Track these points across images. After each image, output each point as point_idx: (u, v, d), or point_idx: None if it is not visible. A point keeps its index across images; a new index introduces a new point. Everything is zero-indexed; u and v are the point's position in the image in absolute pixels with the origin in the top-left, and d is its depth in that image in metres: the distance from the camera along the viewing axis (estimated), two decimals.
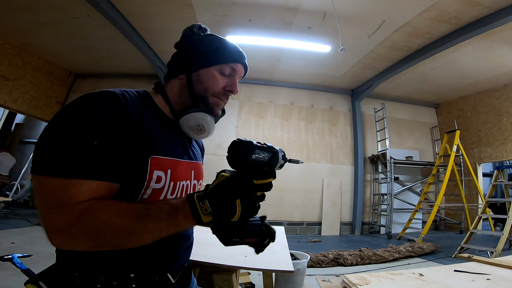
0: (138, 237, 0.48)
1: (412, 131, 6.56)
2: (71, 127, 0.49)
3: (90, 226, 0.46)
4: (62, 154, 0.47)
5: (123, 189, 0.55)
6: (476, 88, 5.75)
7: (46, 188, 0.47)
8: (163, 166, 0.60)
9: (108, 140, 0.51)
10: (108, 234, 0.47)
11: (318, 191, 5.73)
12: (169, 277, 0.64)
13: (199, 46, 0.69)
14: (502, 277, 1.16)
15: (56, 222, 0.45)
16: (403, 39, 4.12)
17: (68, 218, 0.45)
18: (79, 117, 0.50)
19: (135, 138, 0.55)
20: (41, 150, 0.48)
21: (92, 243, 0.48)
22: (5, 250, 2.76)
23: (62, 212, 0.46)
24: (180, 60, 0.71)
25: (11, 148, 6.72)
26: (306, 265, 2.29)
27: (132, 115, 0.56)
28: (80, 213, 0.46)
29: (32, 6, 3.80)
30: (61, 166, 0.47)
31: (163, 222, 0.48)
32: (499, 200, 4.91)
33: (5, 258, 0.92)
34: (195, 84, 0.68)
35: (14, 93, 5.17)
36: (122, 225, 0.47)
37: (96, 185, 0.49)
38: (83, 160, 0.48)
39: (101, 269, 0.56)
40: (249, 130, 5.86)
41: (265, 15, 3.80)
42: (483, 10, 3.30)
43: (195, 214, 0.49)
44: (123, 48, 4.93)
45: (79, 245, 0.47)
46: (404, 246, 3.81)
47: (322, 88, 6.29)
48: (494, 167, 6.76)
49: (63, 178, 0.46)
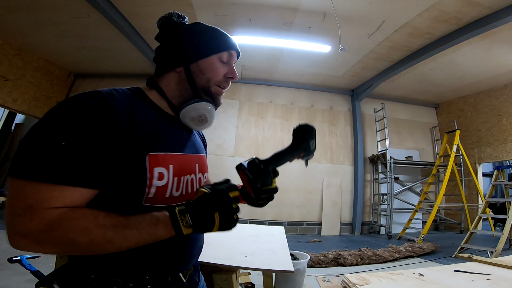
0: (115, 245, 0.48)
1: (412, 131, 6.56)
2: (49, 130, 0.48)
3: (63, 234, 0.45)
4: (36, 157, 0.46)
5: (125, 191, 0.54)
6: (476, 88, 5.75)
7: (16, 190, 0.46)
8: (164, 162, 0.58)
9: (88, 144, 0.48)
10: (84, 242, 0.46)
11: (318, 191, 5.73)
12: (181, 277, 0.65)
13: (191, 36, 0.67)
14: (502, 277, 1.16)
15: (21, 225, 0.44)
16: (403, 39, 4.13)
17: (36, 223, 0.44)
18: (57, 120, 0.49)
19: (126, 137, 0.53)
20: (17, 153, 0.47)
21: (63, 250, 0.48)
22: (5, 250, 2.76)
23: (28, 217, 0.44)
24: (172, 52, 0.67)
25: (11, 148, 6.71)
26: (306, 265, 2.29)
27: (120, 115, 0.53)
28: (52, 221, 0.45)
29: (32, 6, 3.80)
30: (33, 170, 0.45)
31: (142, 231, 0.50)
32: (499, 200, 4.91)
33: (14, 260, 0.91)
34: (196, 75, 0.66)
35: (14, 93, 5.17)
36: (100, 234, 0.47)
37: (70, 192, 0.47)
38: (57, 165, 0.46)
39: (118, 271, 0.56)
40: (249, 130, 5.86)
41: (265, 15, 3.80)
42: (483, 10, 3.30)
43: (176, 226, 0.51)
44: (123, 48, 4.94)
45: (47, 250, 0.46)
46: (404, 246, 3.81)
47: (322, 88, 6.29)
48: (494, 167, 6.75)
49: (34, 182, 0.45)
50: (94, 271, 0.56)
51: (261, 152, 5.76)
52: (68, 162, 0.47)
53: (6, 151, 6.65)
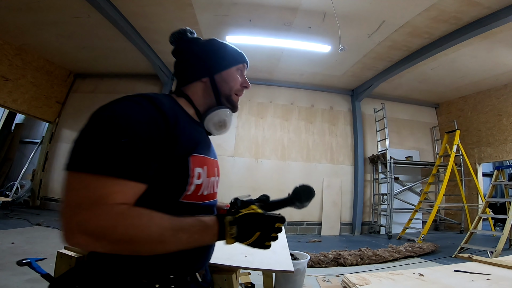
0: (166, 247, 0.50)
1: (412, 131, 6.56)
2: (110, 128, 0.50)
3: (124, 231, 0.46)
4: (100, 152, 0.47)
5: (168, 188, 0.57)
6: (476, 88, 5.75)
7: (79, 184, 0.46)
8: (201, 164, 0.64)
9: (145, 141, 0.51)
10: (142, 240, 0.48)
11: (318, 191, 5.70)
12: (198, 277, 0.67)
13: (213, 50, 0.76)
14: (502, 277, 1.16)
15: (85, 221, 0.44)
16: (403, 39, 4.13)
17: (102, 219, 0.45)
18: (117, 119, 0.51)
19: (173, 138, 0.57)
20: (79, 148, 0.49)
21: (117, 248, 0.47)
22: (5, 250, 2.76)
23: (94, 212, 0.45)
24: (198, 64, 0.75)
25: (11, 148, 6.72)
26: (306, 265, 2.29)
27: (169, 117, 0.58)
28: (117, 217, 0.46)
29: (32, 6, 3.80)
30: (99, 164, 0.47)
31: (193, 236, 0.53)
32: (499, 200, 4.91)
33: (24, 263, 0.90)
34: (220, 84, 0.75)
35: (14, 93, 5.17)
36: (158, 233, 0.49)
37: (128, 186, 0.49)
38: (120, 160, 0.48)
39: (145, 272, 0.57)
40: (249, 130, 5.86)
41: (265, 15, 3.80)
42: (483, 10, 3.30)
43: (221, 235, 0.55)
44: (123, 48, 4.94)
45: (101, 247, 0.47)
46: (404, 246, 3.81)
47: (322, 88, 6.29)
48: (494, 167, 6.75)
49: (99, 176, 0.46)
50: (120, 273, 0.56)
51: (261, 151, 5.78)
52: (128, 157, 0.49)
53: (6, 151, 6.65)
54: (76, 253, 1.32)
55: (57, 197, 5.74)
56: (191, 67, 0.75)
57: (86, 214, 0.45)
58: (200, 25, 4.05)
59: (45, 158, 5.92)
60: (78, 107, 6.21)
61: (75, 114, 6.17)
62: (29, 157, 6.35)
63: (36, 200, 5.73)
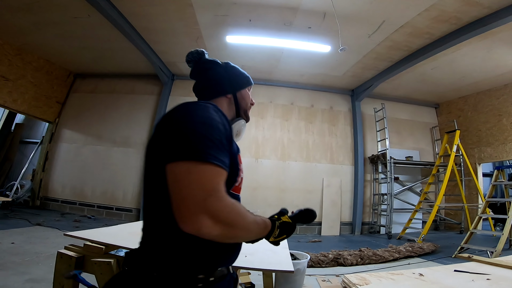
0: (247, 235, 0.63)
1: (412, 131, 6.56)
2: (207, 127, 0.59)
3: (233, 216, 0.54)
4: (208, 146, 0.55)
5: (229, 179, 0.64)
6: (476, 88, 5.75)
7: (202, 173, 0.52)
8: (240, 161, 0.76)
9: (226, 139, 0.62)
10: (243, 227, 0.58)
11: (318, 191, 5.73)
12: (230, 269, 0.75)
13: (234, 72, 0.93)
14: (502, 277, 1.16)
15: (212, 205, 0.50)
16: (403, 39, 4.13)
17: (223, 203, 0.52)
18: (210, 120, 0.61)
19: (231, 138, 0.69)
20: (186, 140, 0.55)
21: (227, 232, 0.54)
22: (5, 250, 2.76)
23: (217, 196, 0.51)
24: (224, 83, 0.89)
25: (11, 148, 6.72)
26: (306, 265, 2.29)
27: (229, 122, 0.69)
28: (232, 203, 0.54)
29: (32, 6, 3.80)
30: (211, 155, 0.54)
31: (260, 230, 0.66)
32: (499, 200, 4.91)
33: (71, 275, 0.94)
34: (240, 100, 0.91)
35: (14, 93, 5.17)
36: (249, 222, 0.60)
37: (225, 176, 0.57)
38: (220, 153, 0.57)
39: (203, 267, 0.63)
40: (249, 130, 5.85)
41: (265, 15, 3.80)
42: (483, 10, 3.30)
43: (269, 234, 0.70)
44: (123, 48, 4.94)
45: (217, 230, 0.51)
46: (404, 246, 3.81)
47: (322, 88, 6.29)
48: (494, 167, 6.76)
49: (213, 165, 0.53)
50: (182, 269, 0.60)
51: (261, 151, 5.77)
52: (223, 152, 0.58)
53: (6, 151, 6.65)
54: (76, 253, 1.32)
55: (57, 197, 5.74)
56: (218, 85, 0.88)
57: (212, 199, 0.51)
58: (200, 25, 4.05)
59: (45, 158, 5.92)
60: (78, 107, 6.21)
61: (75, 114, 6.17)
62: (29, 157, 6.35)
63: (36, 200, 5.73)
